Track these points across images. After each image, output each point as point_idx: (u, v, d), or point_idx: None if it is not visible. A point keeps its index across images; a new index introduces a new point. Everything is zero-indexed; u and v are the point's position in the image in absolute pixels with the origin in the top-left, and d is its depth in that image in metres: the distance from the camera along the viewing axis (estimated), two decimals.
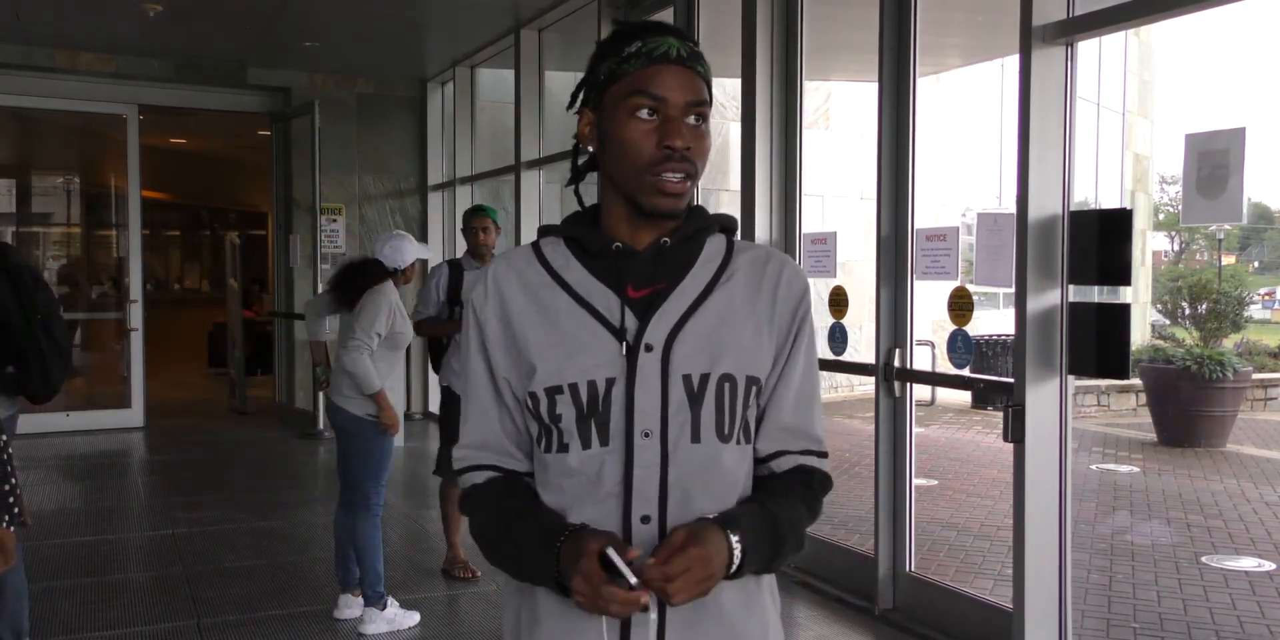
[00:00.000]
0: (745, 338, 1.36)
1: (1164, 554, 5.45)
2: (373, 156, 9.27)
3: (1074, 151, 3.45)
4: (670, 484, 1.31)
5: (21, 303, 3.42)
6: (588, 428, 1.32)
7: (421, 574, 4.77)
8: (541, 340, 1.35)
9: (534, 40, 7.37)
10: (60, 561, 4.89)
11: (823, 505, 1.43)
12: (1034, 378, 3.43)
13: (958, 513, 6.29)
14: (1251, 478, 7.64)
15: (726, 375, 1.34)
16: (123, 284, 9.08)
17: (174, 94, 8.97)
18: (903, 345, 4.15)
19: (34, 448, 7.65)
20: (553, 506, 1.36)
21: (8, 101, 8.47)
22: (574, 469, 1.33)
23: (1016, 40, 3.46)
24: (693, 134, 1.32)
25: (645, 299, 1.35)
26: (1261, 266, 42.07)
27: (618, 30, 1.38)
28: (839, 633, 4.02)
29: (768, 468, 1.43)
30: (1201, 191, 3.04)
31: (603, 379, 1.32)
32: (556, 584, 1.28)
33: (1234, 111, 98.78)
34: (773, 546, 1.31)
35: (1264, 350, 12.31)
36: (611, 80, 1.34)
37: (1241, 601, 4.71)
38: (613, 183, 1.37)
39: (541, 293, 1.38)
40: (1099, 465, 8.01)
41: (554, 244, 1.42)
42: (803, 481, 1.41)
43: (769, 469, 1.42)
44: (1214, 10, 3.14)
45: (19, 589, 3.38)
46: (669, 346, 1.33)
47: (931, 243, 4.02)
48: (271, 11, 6.94)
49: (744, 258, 1.42)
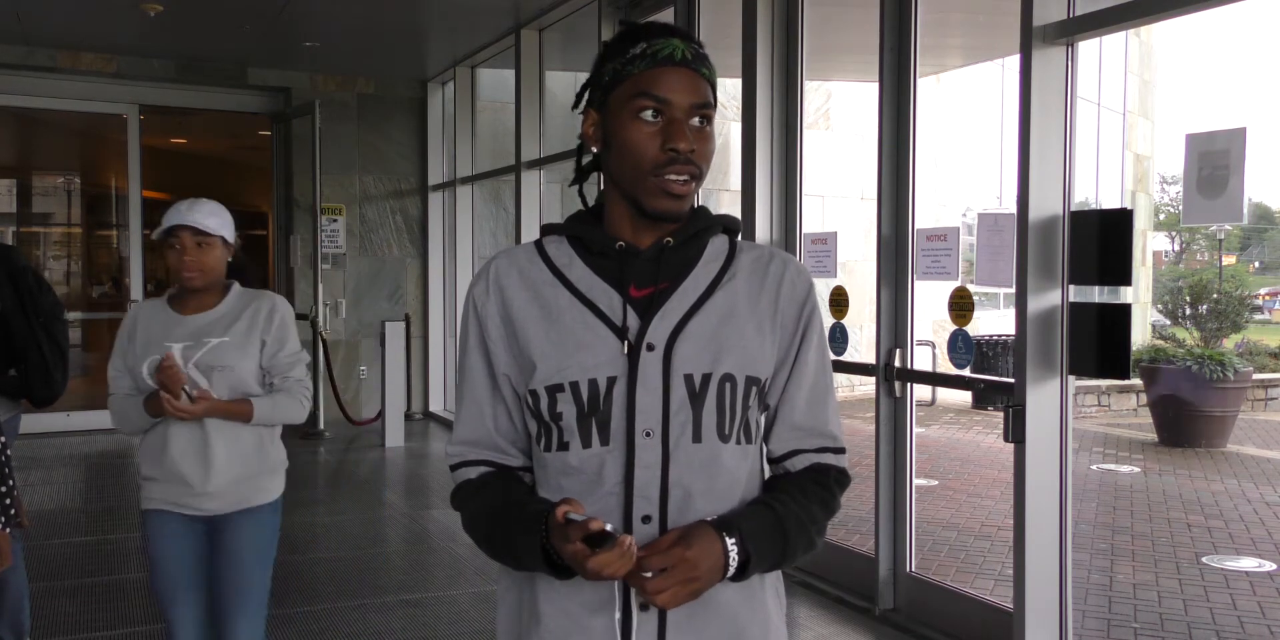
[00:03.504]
0: (747, 338, 1.36)
1: (1164, 554, 5.45)
2: (373, 157, 9.27)
3: (1074, 151, 3.45)
4: (671, 483, 1.32)
5: (24, 306, 3.42)
6: (588, 426, 1.32)
7: (422, 574, 4.77)
8: (543, 338, 1.35)
9: (534, 40, 7.37)
10: (60, 561, 4.89)
11: (840, 501, 1.44)
12: (1034, 378, 3.43)
13: (958, 513, 6.29)
14: (1252, 478, 7.64)
15: (727, 375, 1.34)
16: (123, 284, 9.08)
17: (174, 94, 8.98)
18: (903, 345, 4.16)
19: (34, 448, 7.65)
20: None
21: (9, 101, 8.47)
22: (574, 468, 1.33)
23: (1017, 40, 3.46)
24: (697, 136, 1.32)
25: (647, 298, 1.36)
26: (1262, 267, 42.05)
27: (623, 31, 1.37)
28: (839, 633, 4.02)
29: (782, 467, 1.43)
30: (1202, 191, 3.05)
31: (604, 378, 1.32)
32: (551, 567, 1.28)
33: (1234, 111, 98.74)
34: (778, 546, 1.31)
35: (1264, 350, 12.31)
36: (616, 81, 1.34)
37: (1242, 601, 4.71)
38: (616, 183, 1.37)
39: (543, 290, 1.38)
40: (1099, 465, 8.01)
41: (557, 242, 1.42)
42: (816, 479, 1.41)
43: (784, 469, 1.43)
44: (1214, 10, 3.14)
45: (20, 589, 3.38)
46: (670, 346, 1.33)
47: (932, 243, 4.02)
48: (272, 11, 6.94)
49: (747, 258, 1.42)
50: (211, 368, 2.65)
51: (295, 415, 2.77)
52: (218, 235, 2.71)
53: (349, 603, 4.33)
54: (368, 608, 4.26)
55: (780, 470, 1.44)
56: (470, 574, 4.70)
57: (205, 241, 2.70)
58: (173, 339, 2.69)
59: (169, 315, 2.75)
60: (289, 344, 2.77)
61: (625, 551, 1.18)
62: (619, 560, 1.18)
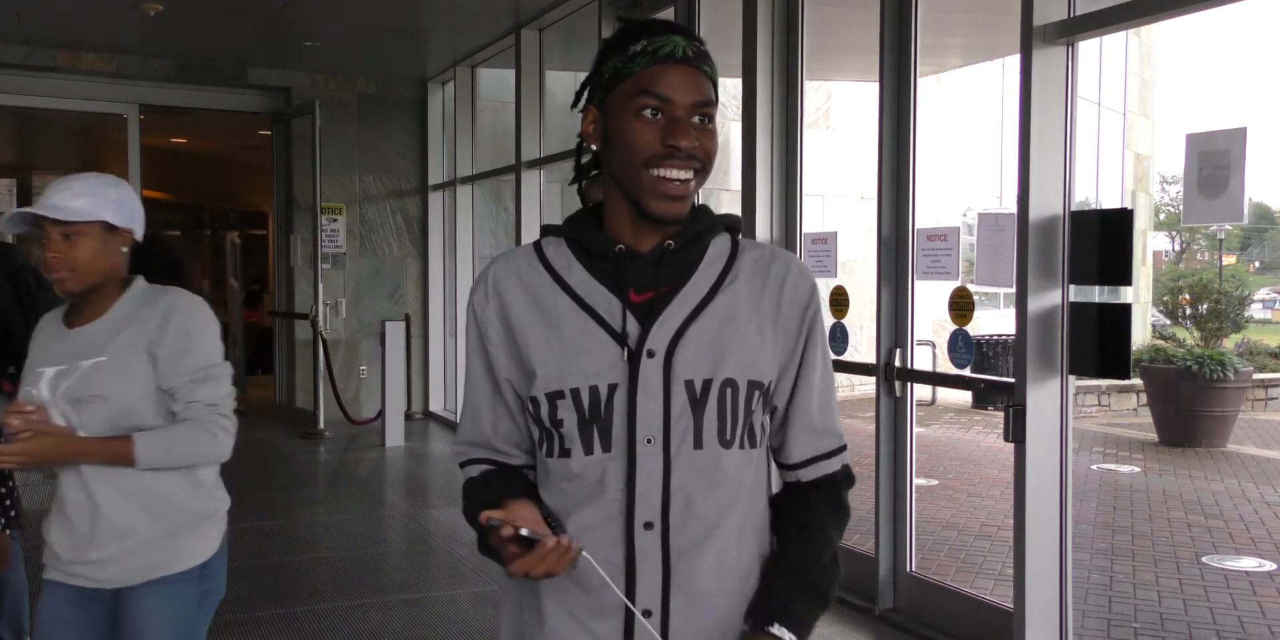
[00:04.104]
0: (748, 342, 1.35)
1: (1164, 554, 5.45)
2: (373, 156, 9.27)
3: (1074, 151, 3.45)
4: (673, 490, 1.31)
5: (23, 304, 3.41)
6: (589, 433, 1.32)
7: (421, 574, 4.77)
8: (543, 344, 1.34)
9: (534, 40, 7.37)
10: None
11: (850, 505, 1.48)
12: (1035, 378, 3.43)
13: (958, 513, 6.28)
14: (1252, 478, 7.64)
15: (729, 380, 1.33)
16: None
17: (175, 94, 8.97)
18: (903, 345, 4.15)
19: None
20: (554, 509, 1.35)
21: (9, 101, 8.47)
22: (576, 474, 1.33)
23: (1017, 40, 3.46)
24: (699, 133, 1.31)
25: (647, 303, 1.34)
26: (1262, 266, 42.06)
27: (624, 28, 1.36)
28: (839, 633, 4.02)
29: (795, 476, 1.43)
30: (1202, 191, 3.05)
31: (604, 385, 1.31)
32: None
33: (1234, 111, 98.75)
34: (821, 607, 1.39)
35: (1264, 350, 12.31)
36: (617, 79, 1.33)
37: (1242, 601, 4.70)
38: (616, 183, 1.35)
39: (543, 295, 1.37)
40: (1100, 465, 8.01)
41: (556, 244, 1.41)
42: (828, 497, 1.44)
43: (796, 477, 1.43)
44: (1214, 10, 3.14)
45: (20, 589, 3.38)
46: (671, 352, 1.32)
47: (932, 243, 4.02)
48: (272, 11, 6.94)
49: (748, 258, 1.40)
50: (79, 399, 2.00)
51: (206, 452, 2.09)
52: (91, 221, 2.06)
53: (349, 603, 4.33)
54: (368, 608, 4.26)
55: (793, 478, 1.44)
56: (470, 574, 4.70)
57: (74, 231, 2.04)
58: (50, 361, 2.07)
59: (57, 329, 2.15)
60: (192, 356, 2.06)
61: (551, 552, 1.20)
62: (543, 563, 1.20)
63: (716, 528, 1.33)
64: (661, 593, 1.31)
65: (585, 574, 1.28)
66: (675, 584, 1.31)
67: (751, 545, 1.38)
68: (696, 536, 1.32)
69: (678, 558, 1.31)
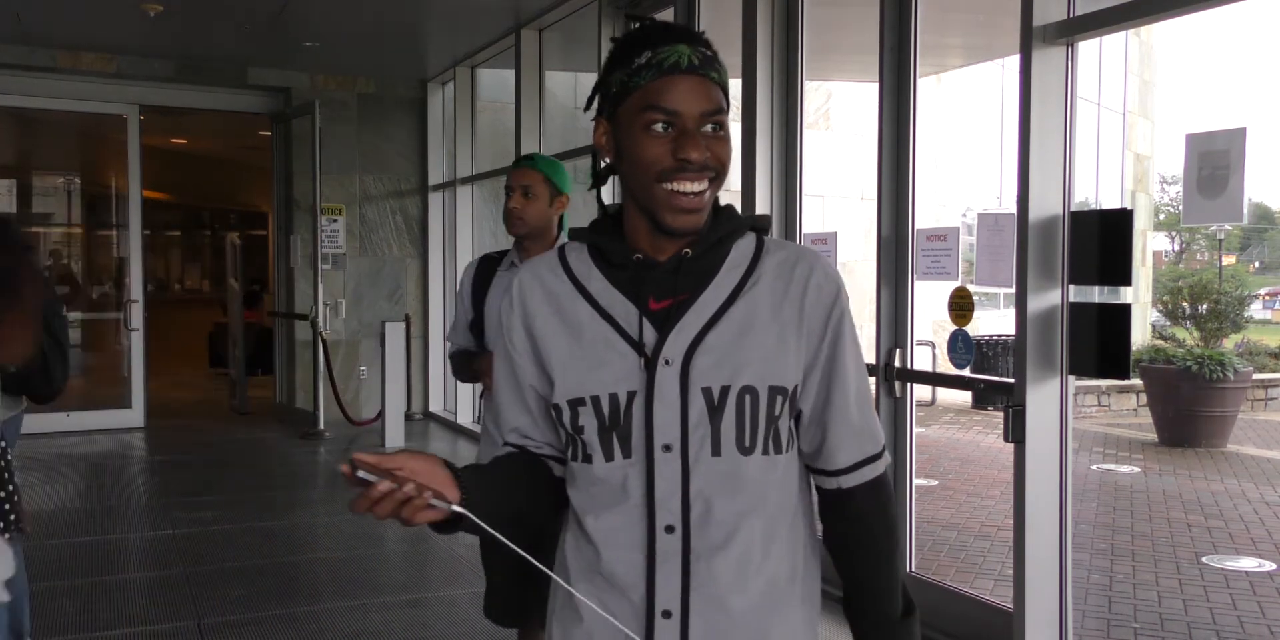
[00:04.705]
0: (768, 347, 1.34)
1: (1164, 554, 5.45)
2: (373, 157, 9.27)
3: (1074, 151, 3.45)
4: (692, 496, 1.32)
5: None
6: (609, 440, 1.33)
7: (421, 574, 4.78)
8: (564, 352, 1.36)
9: (534, 40, 7.36)
10: (60, 561, 4.89)
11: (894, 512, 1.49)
12: (1034, 378, 3.43)
13: (958, 513, 6.29)
14: (1252, 478, 7.64)
15: (748, 387, 1.32)
16: (123, 284, 9.08)
17: (174, 94, 8.97)
18: (903, 345, 4.15)
19: (34, 448, 7.65)
20: (580, 509, 1.38)
21: (8, 101, 8.47)
22: (599, 479, 1.35)
23: (1017, 40, 3.46)
24: (711, 142, 1.30)
25: (665, 311, 1.34)
26: (1262, 267, 42.06)
27: (627, 37, 1.34)
28: (840, 634, 4.01)
29: (837, 482, 1.41)
30: (1202, 191, 3.05)
31: (623, 392, 1.32)
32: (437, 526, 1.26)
33: (1234, 111, 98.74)
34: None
35: (1264, 350, 12.31)
36: (624, 93, 1.31)
37: (1242, 601, 4.71)
38: (632, 195, 1.35)
39: (565, 303, 1.38)
40: (1099, 465, 8.01)
41: (578, 251, 1.41)
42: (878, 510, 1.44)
43: (838, 484, 1.41)
44: (1214, 10, 3.14)
45: (20, 589, 3.38)
46: (688, 360, 1.32)
47: (932, 243, 4.02)
48: (272, 11, 6.94)
49: (772, 260, 1.38)
50: None
51: None
52: None
53: (349, 603, 4.33)
54: (368, 608, 4.26)
55: (833, 484, 1.41)
56: (469, 574, 4.70)
57: None
58: None
59: None
60: None
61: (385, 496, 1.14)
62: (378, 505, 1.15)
63: (737, 531, 1.32)
64: (681, 594, 1.32)
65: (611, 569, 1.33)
66: (695, 586, 1.32)
67: (783, 548, 1.37)
68: (717, 540, 1.32)
69: (697, 560, 1.32)
